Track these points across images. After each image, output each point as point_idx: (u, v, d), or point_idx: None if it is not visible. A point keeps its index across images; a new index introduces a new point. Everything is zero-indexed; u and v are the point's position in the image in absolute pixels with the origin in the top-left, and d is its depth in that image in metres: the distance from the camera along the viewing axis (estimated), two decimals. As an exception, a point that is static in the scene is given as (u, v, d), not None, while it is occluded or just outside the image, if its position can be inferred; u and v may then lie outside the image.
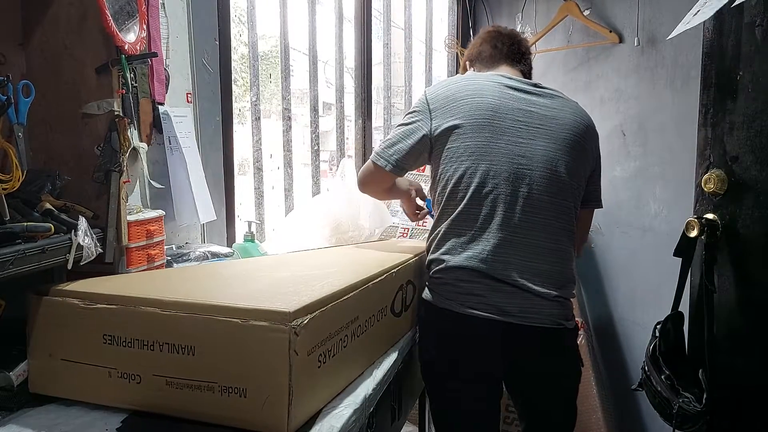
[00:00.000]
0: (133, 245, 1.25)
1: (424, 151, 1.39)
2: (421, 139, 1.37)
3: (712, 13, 1.33)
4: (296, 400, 0.85)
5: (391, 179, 1.50)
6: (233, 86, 1.87)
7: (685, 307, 1.55)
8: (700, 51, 1.49)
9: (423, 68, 2.96)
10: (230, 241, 1.86)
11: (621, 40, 2.26)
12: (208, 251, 1.57)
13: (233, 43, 1.89)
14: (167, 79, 1.54)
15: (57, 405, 0.96)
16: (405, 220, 2.33)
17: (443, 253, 1.33)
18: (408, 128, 1.40)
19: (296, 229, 2.02)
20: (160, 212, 1.37)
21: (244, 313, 0.86)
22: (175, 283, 1.11)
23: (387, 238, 2.16)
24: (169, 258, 1.43)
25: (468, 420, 1.35)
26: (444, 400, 1.39)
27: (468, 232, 1.31)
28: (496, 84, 1.39)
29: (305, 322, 0.86)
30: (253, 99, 2.05)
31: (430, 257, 1.37)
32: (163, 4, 1.52)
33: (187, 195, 1.57)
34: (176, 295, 0.92)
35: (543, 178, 1.32)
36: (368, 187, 1.55)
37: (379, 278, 1.17)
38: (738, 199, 1.41)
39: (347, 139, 2.59)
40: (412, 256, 1.42)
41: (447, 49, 2.96)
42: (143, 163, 1.41)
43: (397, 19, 2.86)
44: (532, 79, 1.50)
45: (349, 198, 2.05)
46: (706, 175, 1.46)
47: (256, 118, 2.07)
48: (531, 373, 1.36)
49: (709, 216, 1.46)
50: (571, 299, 1.38)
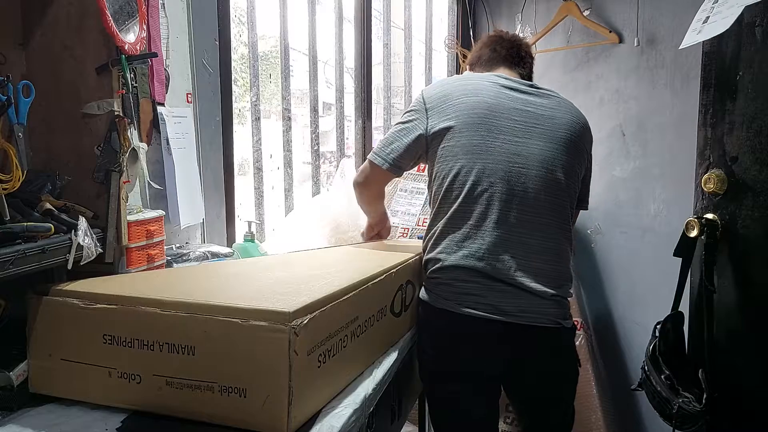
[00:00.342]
0: (133, 245, 1.25)
1: (421, 150, 1.39)
2: (418, 138, 1.38)
3: (730, 24, 1.28)
4: (296, 400, 0.85)
5: (389, 178, 1.49)
6: (233, 86, 1.88)
7: (685, 307, 1.55)
8: (700, 51, 1.49)
9: (423, 68, 2.96)
10: (230, 241, 1.87)
11: (621, 41, 2.26)
12: (208, 251, 1.58)
13: (233, 43, 1.89)
14: (167, 79, 1.55)
15: (57, 405, 0.96)
16: (405, 220, 2.34)
17: (439, 252, 1.33)
18: (405, 127, 1.40)
19: (296, 229, 2.02)
20: (160, 212, 1.37)
21: (244, 313, 0.86)
22: (175, 283, 1.11)
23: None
24: (169, 258, 1.43)
25: (467, 420, 1.35)
26: (442, 400, 1.39)
27: (463, 230, 1.31)
28: (492, 84, 1.39)
29: (305, 322, 0.86)
30: (253, 99, 2.05)
31: (427, 257, 1.37)
32: (163, 4, 1.52)
33: (181, 196, 1.57)
34: (176, 295, 0.92)
35: (539, 177, 1.32)
36: (364, 188, 1.54)
37: (379, 278, 1.17)
38: (738, 199, 1.41)
39: (347, 139, 2.59)
40: (412, 256, 1.42)
41: (447, 49, 2.96)
42: (143, 163, 1.41)
43: (397, 19, 2.86)
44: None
45: (349, 198, 2.05)
46: (706, 175, 1.46)
47: (256, 118, 2.07)
48: (529, 372, 1.36)
49: (709, 216, 1.46)
50: (569, 298, 1.38)
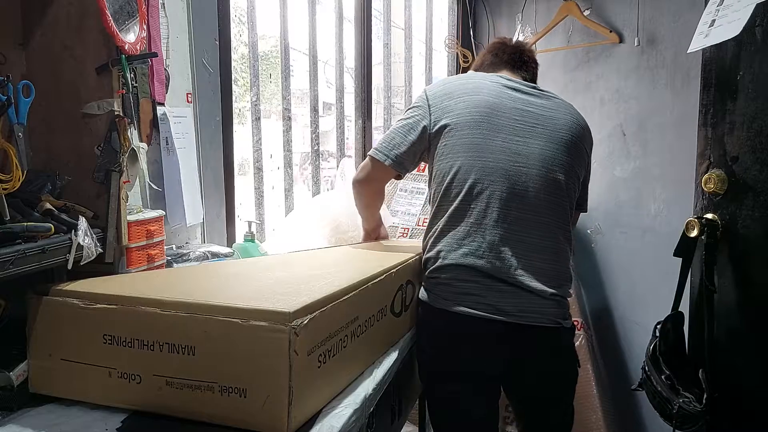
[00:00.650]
0: (133, 245, 1.25)
1: (423, 148, 1.39)
2: (421, 135, 1.37)
3: (741, 27, 1.25)
4: (296, 401, 0.85)
5: (390, 176, 1.48)
6: (233, 86, 1.87)
7: (685, 307, 1.55)
8: (700, 51, 1.49)
9: (423, 68, 2.96)
10: (230, 241, 1.86)
11: (621, 40, 2.26)
12: (208, 251, 1.58)
13: (233, 43, 1.89)
14: (167, 79, 1.55)
15: (57, 405, 0.96)
16: (405, 220, 2.34)
17: (439, 250, 1.33)
18: (407, 123, 1.40)
19: (296, 229, 2.01)
20: (160, 212, 1.37)
21: (244, 314, 0.86)
22: (175, 283, 1.11)
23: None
24: (169, 258, 1.43)
25: (467, 420, 1.35)
26: (442, 400, 1.39)
27: (464, 228, 1.31)
28: (494, 83, 1.39)
29: (305, 322, 0.86)
30: (253, 99, 2.05)
31: (426, 255, 1.37)
32: (163, 4, 1.52)
33: (178, 197, 1.57)
34: (176, 295, 0.92)
35: (539, 176, 1.32)
36: (364, 186, 1.51)
37: (379, 278, 1.17)
38: (738, 199, 1.41)
39: (347, 139, 2.59)
40: (412, 255, 1.42)
41: (447, 49, 2.96)
42: (143, 163, 1.41)
43: (397, 19, 2.86)
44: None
45: (349, 198, 2.05)
46: (706, 175, 1.46)
47: (256, 118, 2.07)
48: (529, 372, 1.36)
49: (709, 216, 1.46)
50: (568, 298, 1.38)
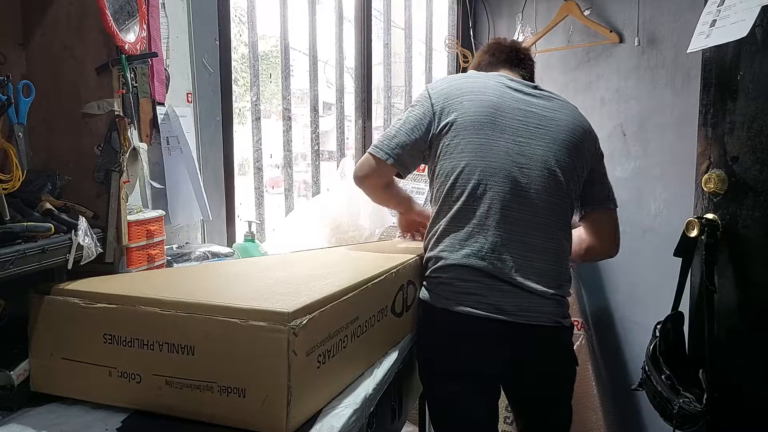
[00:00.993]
0: (133, 245, 1.25)
1: (425, 146, 1.38)
2: (423, 134, 1.36)
3: (748, 29, 1.25)
4: (295, 401, 0.85)
5: (391, 173, 1.44)
6: (233, 86, 1.88)
7: (685, 307, 1.55)
8: (700, 51, 1.49)
9: (423, 68, 2.96)
10: (230, 241, 1.87)
11: (621, 40, 2.26)
12: (208, 251, 1.58)
13: (233, 43, 1.89)
14: (167, 79, 1.55)
15: (58, 404, 0.96)
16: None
17: (441, 251, 1.33)
18: (409, 121, 1.38)
19: (296, 229, 2.02)
20: (160, 212, 1.37)
21: (244, 314, 0.86)
22: (175, 283, 1.11)
23: (387, 239, 2.16)
24: (169, 258, 1.43)
25: (467, 420, 1.35)
26: (442, 400, 1.39)
27: (466, 229, 1.31)
28: (498, 83, 1.39)
29: (304, 322, 0.86)
30: (253, 99, 2.05)
31: (428, 255, 1.37)
32: (163, 4, 1.52)
33: (182, 195, 1.57)
34: (176, 295, 0.92)
35: (541, 177, 1.32)
36: (365, 182, 1.46)
37: (380, 278, 1.17)
38: (738, 199, 1.41)
39: (347, 139, 2.59)
40: (413, 256, 1.42)
41: (447, 49, 2.96)
42: (143, 163, 1.41)
43: (397, 19, 2.86)
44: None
45: (349, 198, 2.05)
46: (706, 175, 1.46)
47: (256, 118, 2.07)
48: (529, 372, 1.35)
49: (709, 216, 1.46)
50: (568, 298, 1.38)
